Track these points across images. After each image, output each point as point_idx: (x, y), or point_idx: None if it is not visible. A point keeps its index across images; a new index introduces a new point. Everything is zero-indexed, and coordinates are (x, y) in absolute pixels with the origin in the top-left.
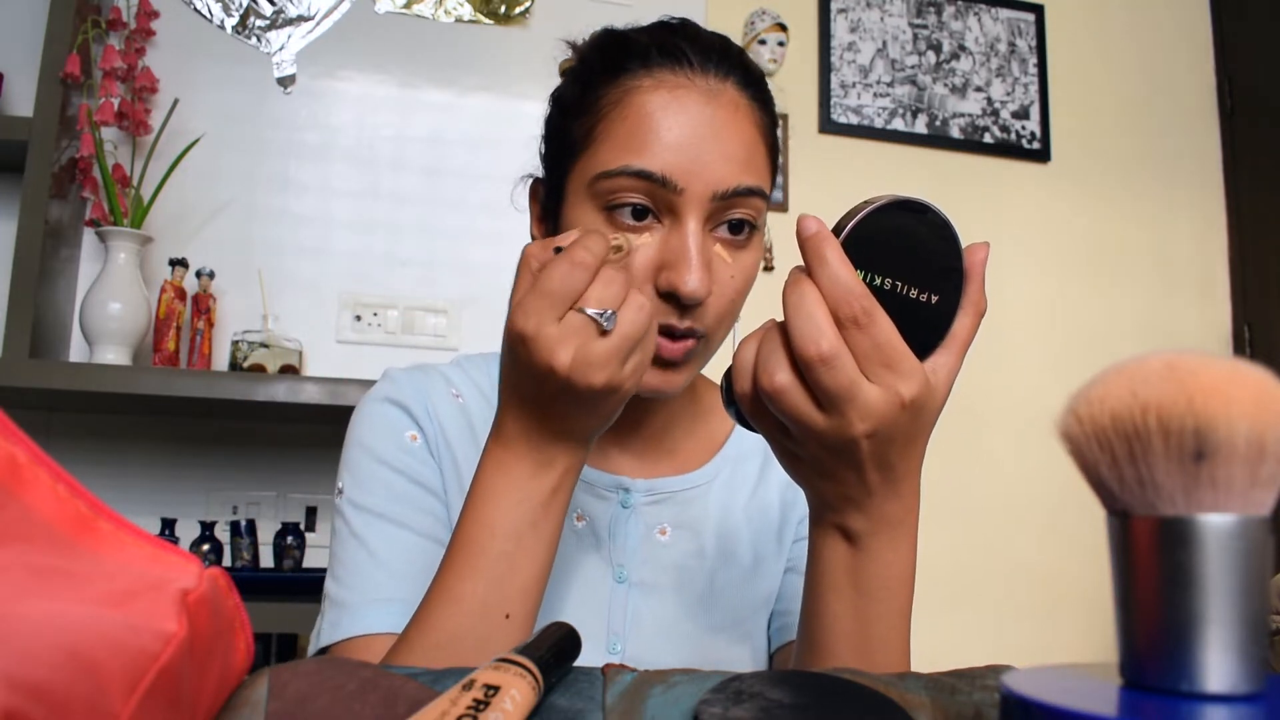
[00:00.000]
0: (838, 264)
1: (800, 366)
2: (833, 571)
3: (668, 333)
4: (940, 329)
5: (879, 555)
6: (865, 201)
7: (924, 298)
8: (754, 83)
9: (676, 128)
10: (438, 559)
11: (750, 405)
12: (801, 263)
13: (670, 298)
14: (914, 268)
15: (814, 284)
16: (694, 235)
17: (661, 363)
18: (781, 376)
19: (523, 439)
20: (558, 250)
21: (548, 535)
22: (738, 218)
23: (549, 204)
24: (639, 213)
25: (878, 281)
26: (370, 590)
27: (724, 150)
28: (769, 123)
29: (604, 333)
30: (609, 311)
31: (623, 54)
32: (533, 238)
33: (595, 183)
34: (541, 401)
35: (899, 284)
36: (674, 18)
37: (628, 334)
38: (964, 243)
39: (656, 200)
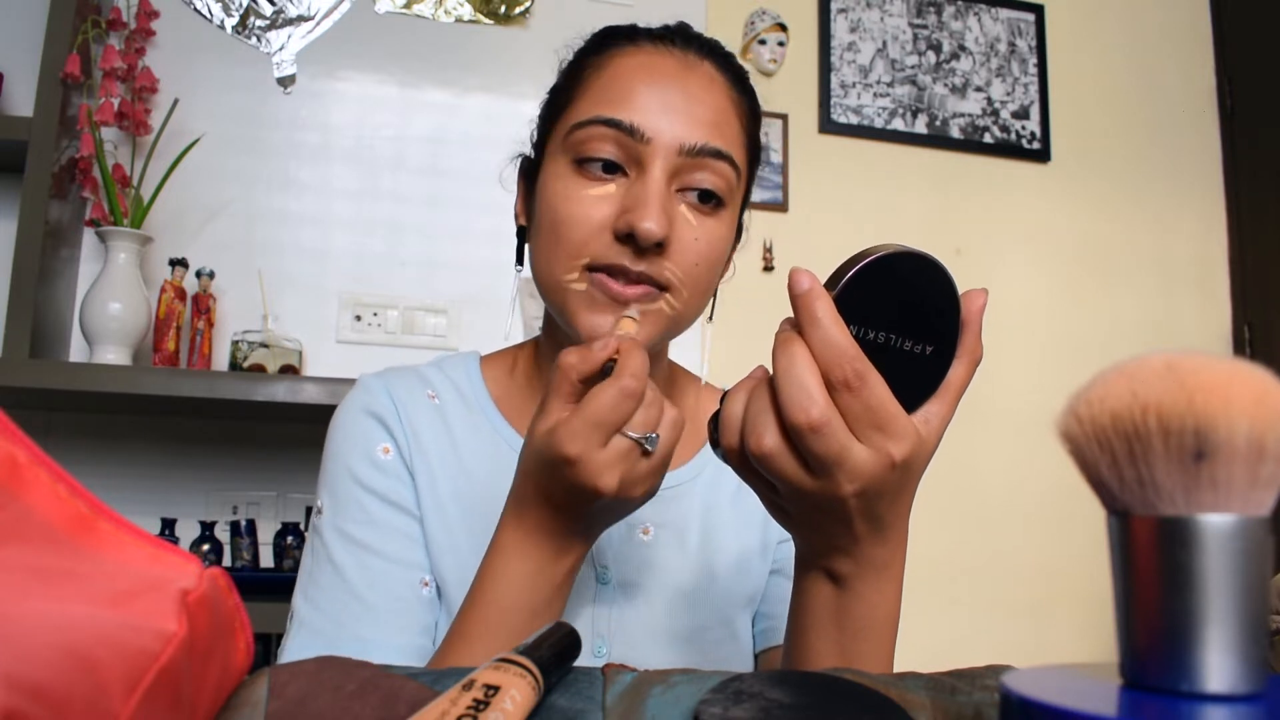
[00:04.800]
0: (830, 324)
1: (789, 431)
2: (818, 612)
3: (621, 273)
4: (935, 379)
5: (864, 597)
6: (861, 253)
7: (918, 349)
8: (733, 70)
9: (649, 84)
10: (410, 583)
11: (737, 460)
12: (792, 315)
13: (628, 239)
14: (909, 320)
15: (805, 344)
16: (656, 182)
17: (609, 301)
18: (769, 441)
19: (545, 533)
20: (609, 365)
21: (558, 610)
22: (705, 186)
23: (531, 174)
24: (609, 166)
25: (871, 336)
26: (349, 623)
27: (693, 111)
28: (747, 110)
29: (647, 454)
30: (653, 435)
31: (612, 33)
32: (515, 215)
33: (569, 135)
34: (574, 511)
35: (893, 337)
36: (676, 22)
37: (665, 452)
38: (958, 280)
39: (626, 151)
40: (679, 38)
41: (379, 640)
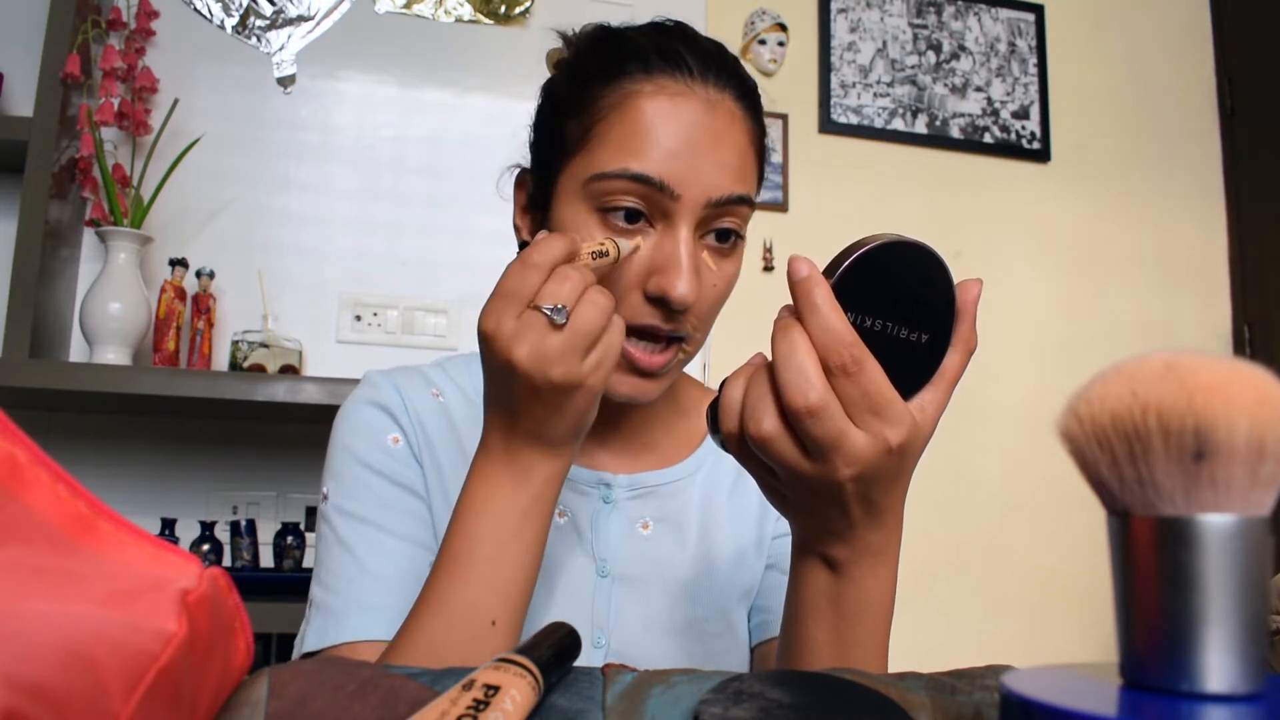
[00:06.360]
0: (828, 310)
1: (788, 415)
2: (814, 597)
3: (651, 336)
4: (930, 367)
5: (860, 582)
6: (858, 242)
7: (914, 337)
8: (748, 93)
9: (676, 134)
10: (421, 562)
11: (737, 445)
12: (791, 302)
13: (658, 301)
14: (906, 308)
15: (804, 330)
16: (686, 241)
17: (640, 373)
18: (769, 424)
19: (502, 449)
20: None
21: (531, 543)
22: (726, 226)
23: (538, 197)
24: (631, 215)
25: (868, 323)
26: (357, 596)
27: (719, 159)
28: (759, 132)
29: (558, 327)
30: (560, 306)
31: (621, 55)
32: (515, 227)
33: (590, 183)
34: (511, 403)
35: (890, 325)
36: (669, 20)
37: (581, 328)
38: (957, 278)
39: (651, 204)
40: (693, 60)
41: (389, 607)
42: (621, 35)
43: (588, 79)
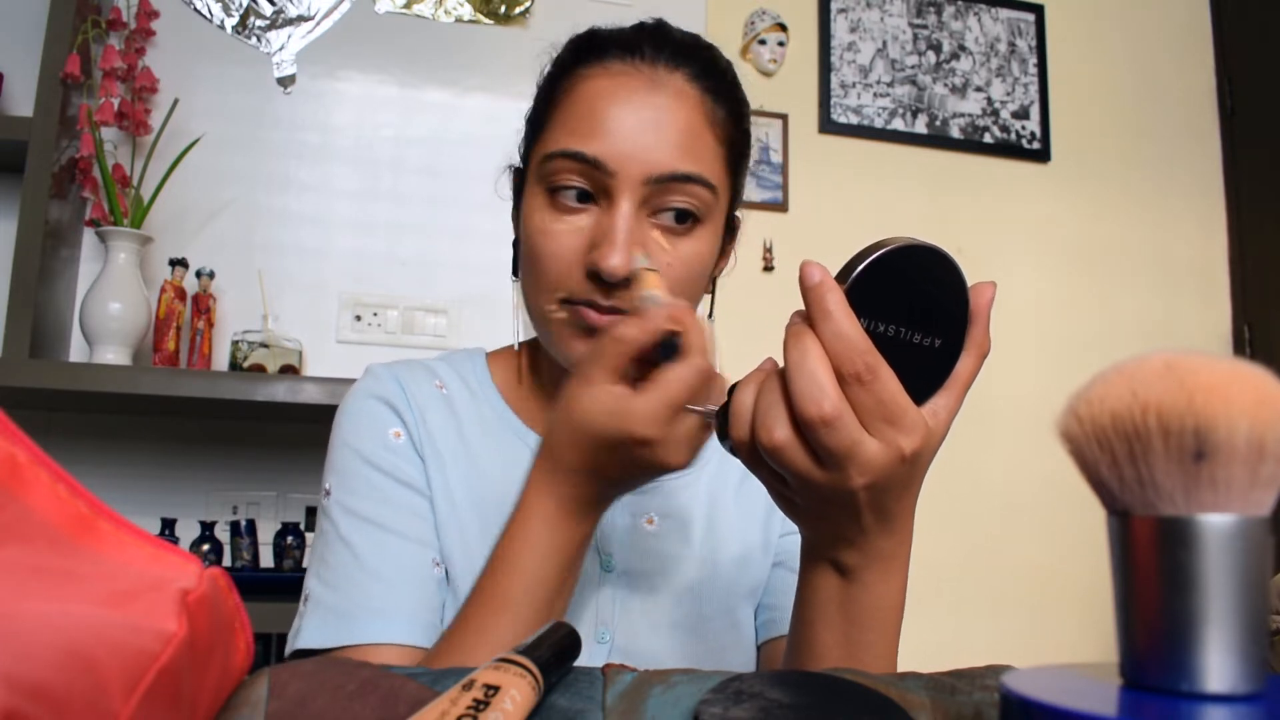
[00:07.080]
0: (842, 317)
1: (800, 424)
2: (824, 602)
3: (594, 308)
4: (943, 372)
5: (871, 587)
6: (872, 246)
7: (927, 341)
8: (710, 75)
9: (614, 112)
10: (423, 561)
11: (747, 452)
12: (803, 308)
13: (594, 276)
14: (918, 313)
15: (816, 337)
16: (622, 216)
17: (588, 330)
18: (780, 433)
19: (575, 500)
20: (671, 341)
21: (575, 575)
22: (679, 206)
23: (518, 189)
24: (581, 196)
25: (881, 329)
26: (364, 599)
27: (661, 136)
28: (726, 117)
29: (707, 426)
30: (714, 408)
31: (585, 48)
32: (514, 225)
33: (541, 165)
34: (628, 483)
35: (903, 330)
36: (652, 19)
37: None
38: (970, 282)
39: (594, 183)
40: (649, 46)
41: (396, 611)
42: (595, 31)
43: (555, 72)
